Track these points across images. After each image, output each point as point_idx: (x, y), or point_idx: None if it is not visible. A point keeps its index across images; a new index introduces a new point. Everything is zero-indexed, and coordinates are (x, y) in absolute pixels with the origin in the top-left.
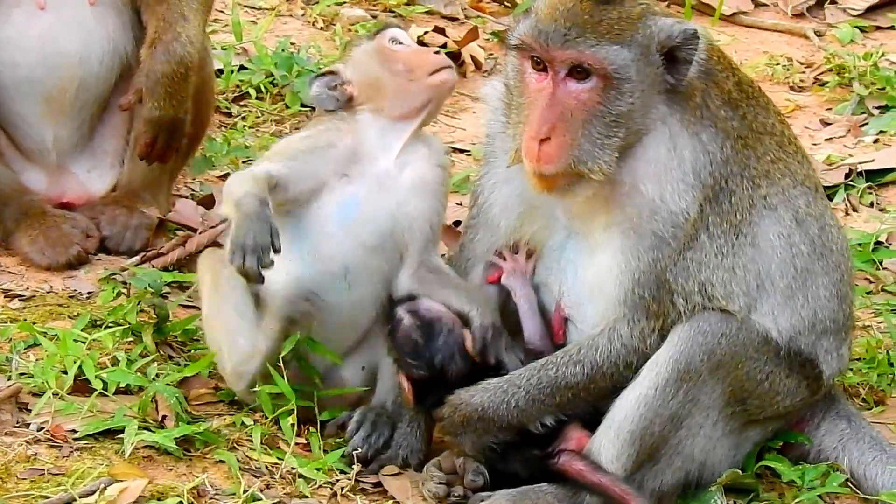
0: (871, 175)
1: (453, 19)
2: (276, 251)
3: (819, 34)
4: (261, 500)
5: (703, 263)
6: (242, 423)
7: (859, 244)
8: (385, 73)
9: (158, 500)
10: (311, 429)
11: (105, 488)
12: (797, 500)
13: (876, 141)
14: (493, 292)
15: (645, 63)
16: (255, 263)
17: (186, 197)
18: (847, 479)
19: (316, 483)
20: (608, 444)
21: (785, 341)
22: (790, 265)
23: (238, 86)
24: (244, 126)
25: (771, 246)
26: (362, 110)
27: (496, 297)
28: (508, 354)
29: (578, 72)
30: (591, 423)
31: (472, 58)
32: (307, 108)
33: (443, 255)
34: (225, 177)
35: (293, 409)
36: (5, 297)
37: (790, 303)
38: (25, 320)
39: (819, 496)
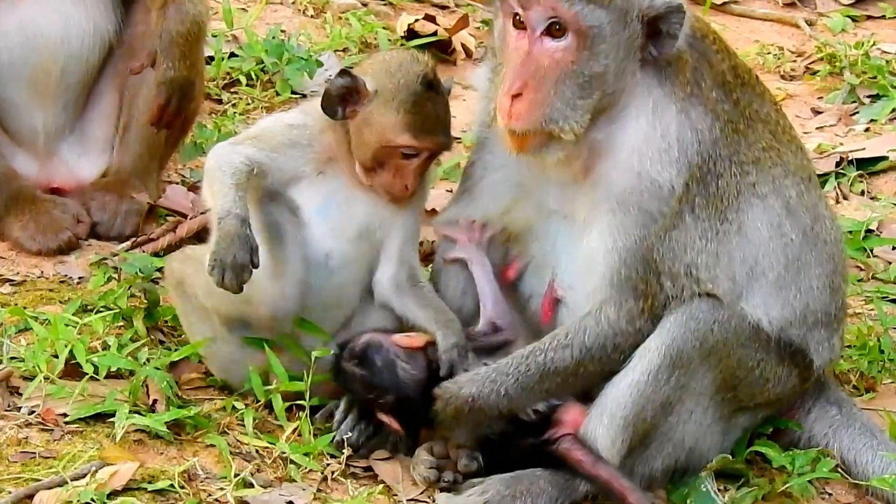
0: (862, 163)
1: (444, 7)
2: (255, 267)
3: (810, 23)
4: (251, 484)
5: (687, 245)
6: (233, 407)
7: (850, 232)
8: (373, 144)
9: (149, 483)
10: (302, 414)
11: (96, 471)
12: (787, 485)
13: (867, 129)
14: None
15: (622, 27)
16: (235, 280)
17: (177, 183)
18: (837, 465)
19: (306, 467)
20: (603, 430)
21: (776, 332)
22: (781, 255)
23: (228, 73)
24: (234, 113)
25: (759, 235)
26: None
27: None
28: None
29: (556, 29)
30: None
31: (463, 46)
32: (297, 95)
33: (431, 242)
34: None
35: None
36: None
37: (782, 293)
38: (16, 305)
39: (809, 482)
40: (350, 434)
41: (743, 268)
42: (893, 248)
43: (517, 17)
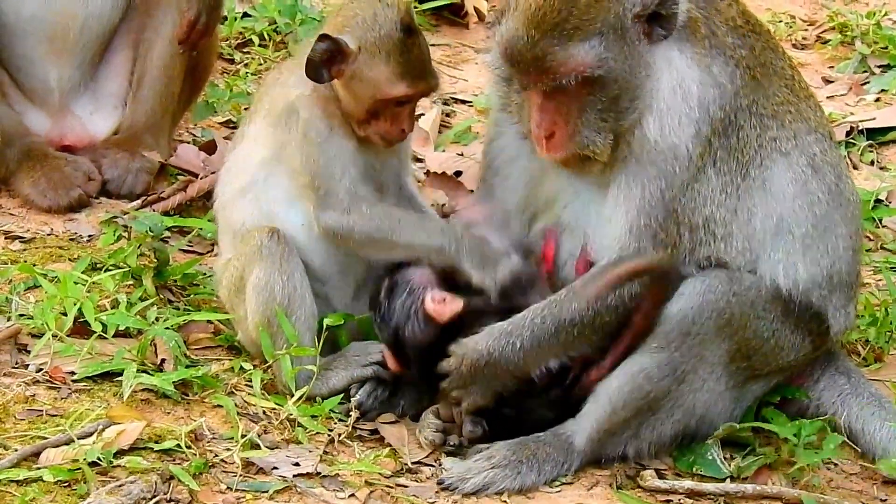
0: (872, 133)
1: None
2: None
3: None
4: (258, 445)
5: (708, 198)
6: (241, 367)
7: None
8: (367, 99)
9: (156, 442)
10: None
11: (103, 430)
12: (793, 454)
13: (877, 99)
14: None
15: (622, 42)
16: (509, 266)
17: (188, 142)
18: (843, 441)
19: (313, 430)
20: (608, 385)
21: (801, 292)
22: (808, 212)
23: (241, 33)
24: (247, 73)
25: (784, 192)
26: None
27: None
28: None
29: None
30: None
31: (476, 9)
32: None
33: (443, 204)
34: (226, 123)
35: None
36: (6, 238)
37: (810, 252)
38: (26, 262)
39: (815, 451)
40: (364, 403)
41: (766, 224)
42: None
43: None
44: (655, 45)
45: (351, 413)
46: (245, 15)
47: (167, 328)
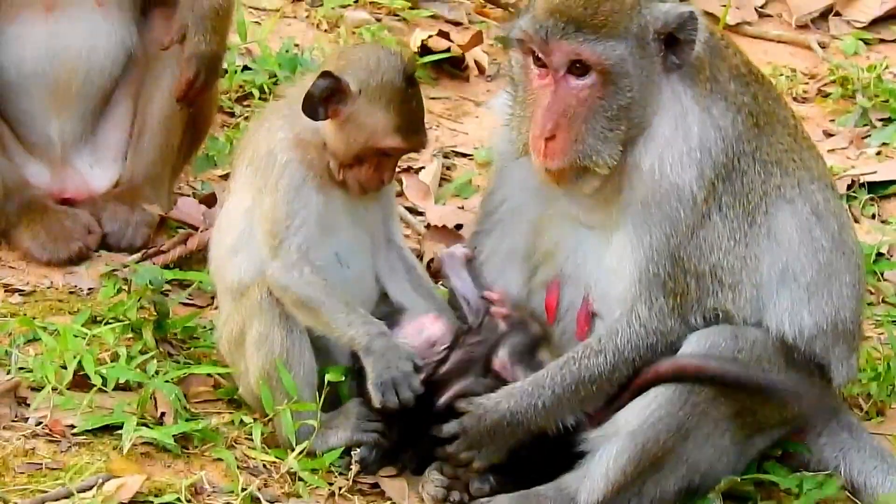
0: (874, 187)
1: (457, 24)
2: (419, 369)
3: (823, 46)
4: (258, 499)
5: (715, 245)
6: (241, 421)
7: None
8: (358, 144)
9: (156, 496)
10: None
11: (103, 483)
12: None
13: (878, 153)
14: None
15: (642, 54)
16: (409, 391)
17: (188, 195)
18: (842, 486)
19: (314, 484)
20: (612, 448)
21: (805, 340)
22: (813, 260)
23: (241, 86)
24: (247, 126)
25: (789, 239)
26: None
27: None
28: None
29: (577, 67)
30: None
31: (476, 62)
32: None
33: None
34: (227, 176)
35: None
36: (6, 291)
37: (815, 299)
38: (25, 315)
39: (816, 503)
40: (360, 450)
41: (772, 272)
42: None
43: (536, 56)
44: (666, 74)
45: (352, 467)
46: (245, 68)
47: (167, 381)
